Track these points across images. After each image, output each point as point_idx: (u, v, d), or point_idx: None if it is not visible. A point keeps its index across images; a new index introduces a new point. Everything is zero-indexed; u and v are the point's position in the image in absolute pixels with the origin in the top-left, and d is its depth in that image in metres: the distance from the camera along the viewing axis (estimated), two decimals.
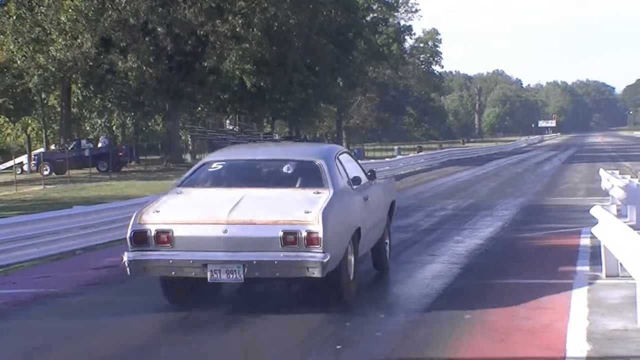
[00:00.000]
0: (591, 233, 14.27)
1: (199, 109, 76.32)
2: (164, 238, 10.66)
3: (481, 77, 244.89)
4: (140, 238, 10.74)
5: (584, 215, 16.83)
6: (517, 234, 19.07)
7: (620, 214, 20.00)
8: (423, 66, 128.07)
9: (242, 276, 10.52)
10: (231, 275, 10.55)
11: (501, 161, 65.33)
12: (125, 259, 10.80)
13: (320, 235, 10.37)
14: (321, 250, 10.39)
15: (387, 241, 14.16)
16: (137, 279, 11.73)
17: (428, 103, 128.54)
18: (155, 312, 11.23)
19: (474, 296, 11.79)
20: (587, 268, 13.67)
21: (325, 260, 10.38)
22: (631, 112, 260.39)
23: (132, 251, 10.78)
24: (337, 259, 10.74)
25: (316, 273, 10.39)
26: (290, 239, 10.39)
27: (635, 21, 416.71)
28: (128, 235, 10.80)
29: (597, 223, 13.60)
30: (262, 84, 65.42)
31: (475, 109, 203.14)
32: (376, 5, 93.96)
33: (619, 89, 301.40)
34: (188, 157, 72.82)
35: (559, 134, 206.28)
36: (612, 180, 24.33)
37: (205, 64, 58.80)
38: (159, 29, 56.24)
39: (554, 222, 21.05)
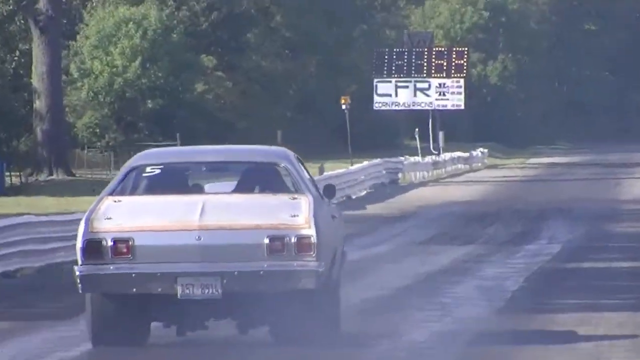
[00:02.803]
0: None
1: None
2: (122, 248, 9.94)
3: None
4: (94, 249, 9.96)
5: None
6: None
7: None
8: None
9: (219, 291, 9.87)
10: (207, 290, 9.89)
11: None
12: (76, 273, 10.01)
13: (314, 240, 9.84)
14: (314, 258, 9.83)
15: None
16: None
17: None
18: None
19: None
20: None
21: (321, 270, 9.84)
22: None
23: (84, 264, 10.00)
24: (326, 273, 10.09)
25: (309, 285, 9.79)
26: (277, 245, 9.86)
27: None
28: (79, 245, 10.01)
29: None
30: None
31: None
32: None
33: None
34: None
35: None
36: None
37: None
38: None
39: None
